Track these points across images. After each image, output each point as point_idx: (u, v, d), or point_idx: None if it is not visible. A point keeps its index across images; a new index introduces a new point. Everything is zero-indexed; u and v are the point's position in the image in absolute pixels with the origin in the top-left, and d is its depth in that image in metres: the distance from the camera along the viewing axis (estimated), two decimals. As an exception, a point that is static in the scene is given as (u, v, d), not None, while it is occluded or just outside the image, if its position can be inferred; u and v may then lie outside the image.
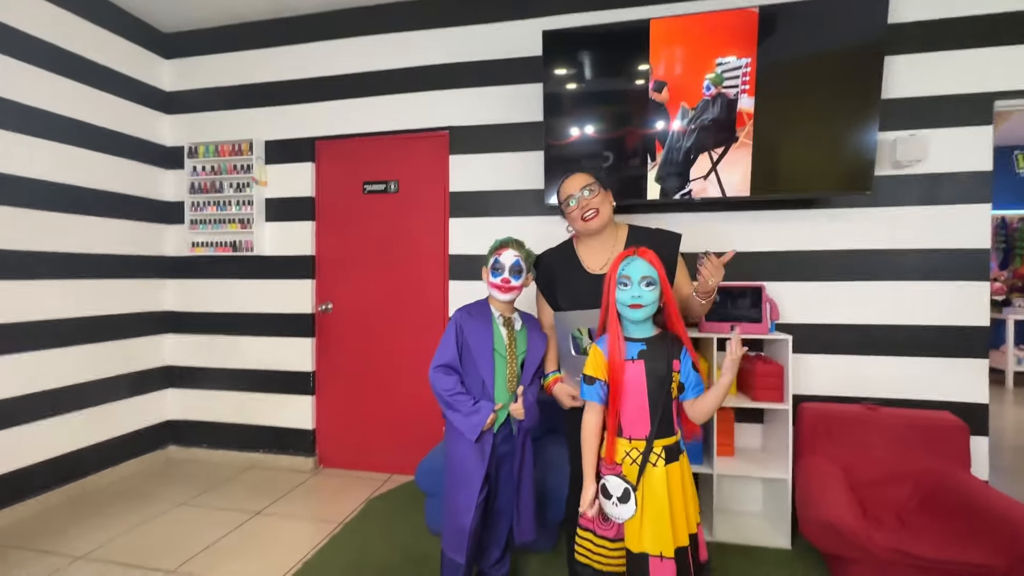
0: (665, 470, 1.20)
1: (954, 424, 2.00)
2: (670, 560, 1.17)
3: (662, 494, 1.19)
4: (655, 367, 1.21)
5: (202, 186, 2.89)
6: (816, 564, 1.87)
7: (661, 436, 1.22)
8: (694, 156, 2.15)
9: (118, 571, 1.87)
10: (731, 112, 2.09)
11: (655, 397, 1.21)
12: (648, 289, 1.20)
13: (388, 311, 2.78)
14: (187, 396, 3.01)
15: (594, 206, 1.50)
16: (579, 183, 1.53)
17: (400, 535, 2.10)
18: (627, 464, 1.23)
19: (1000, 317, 4.86)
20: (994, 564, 1.56)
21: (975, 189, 2.14)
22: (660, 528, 1.18)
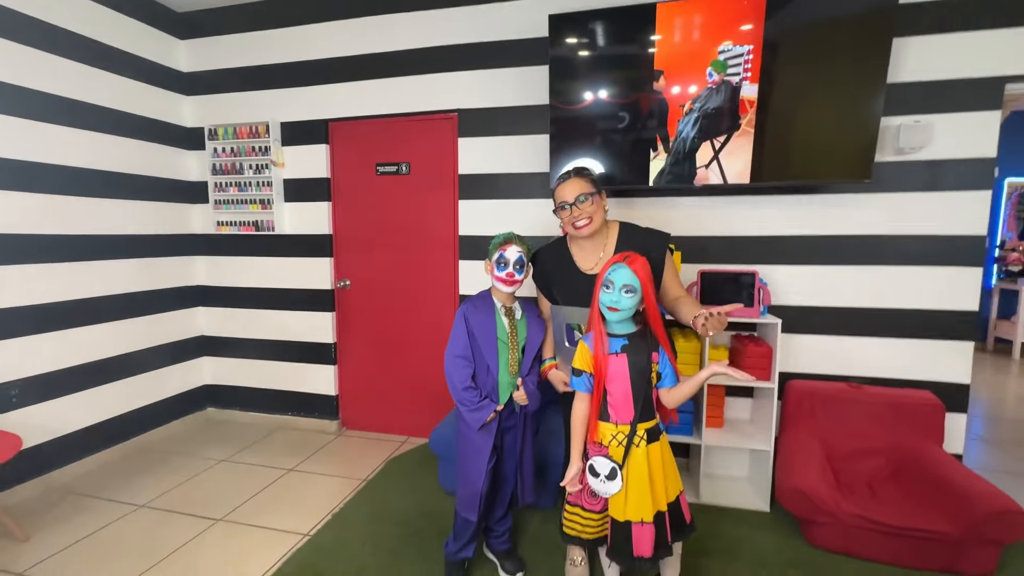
0: (647, 449, 1.37)
1: (931, 402, 2.12)
2: (649, 524, 1.36)
3: (644, 470, 1.37)
4: (637, 360, 1.36)
5: (223, 167, 3.03)
6: (789, 526, 2.06)
7: (643, 420, 1.38)
8: (697, 144, 2.19)
9: (176, 518, 2.18)
10: (734, 100, 2.12)
11: (637, 386, 1.36)
12: (627, 296, 1.32)
13: (403, 288, 2.95)
14: (221, 363, 3.28)
15: (587, 214, 1.56)
16: (574, 190, 1.57)
17: (417, 492, 2.36)
18: (613, 446, 1.39)
19: (1014, 288, 4.84)
20: (948, 531, 1.73)
21: (978, 175, 2.16)
22: (642, 499, 1.36)
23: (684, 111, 2.19)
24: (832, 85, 2.05)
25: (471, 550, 1.73)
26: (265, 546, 1.98)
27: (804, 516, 1.90)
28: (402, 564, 1.85)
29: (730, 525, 2.08)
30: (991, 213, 5.02)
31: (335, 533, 2.04)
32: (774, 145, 2.13)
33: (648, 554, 1.36)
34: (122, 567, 1.86)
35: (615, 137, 2.29)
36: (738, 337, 2.35)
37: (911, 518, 1.79)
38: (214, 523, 2.14)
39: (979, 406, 3.60)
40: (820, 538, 1.90)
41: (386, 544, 1.97)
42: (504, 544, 1.84)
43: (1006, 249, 5.07)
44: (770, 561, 1.86)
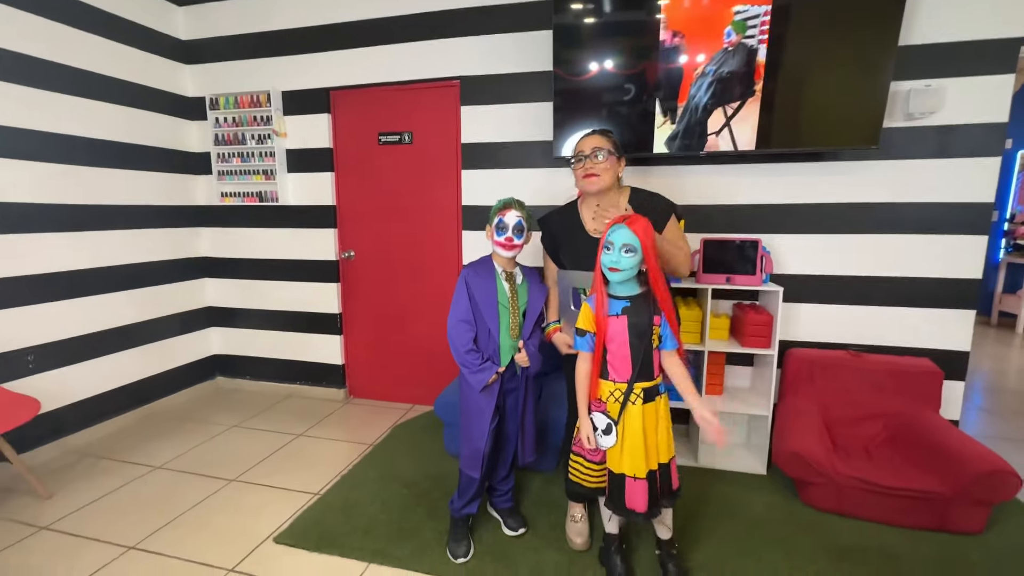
0: (642, 408, 1.41)
1: (929, 370, 2.15)
2: (642, 480, 1.41)
3: (638, 428, 1.41)
4: (637, 322, 1.38)
5: (225, 138, 3.02)
6: (785, 487, 2.12)
7: (641, 380, 1.41)
8: (710, 110, 2.16)
9: (191, 478, 2.26)
10: (750, 63, 2.07)
11: (636, 348, 1.39)
12: (627, 256, 1.34)
13: (407, 259, 2.97)
14: (229, 333, 3.34)
15: (598, 171, 1.58)
16: (592, 144, 1.60)
17: (422, 456, 2.43)
18: (611, 402, 1.44)
19: (1021, 261, 4.81)
20: (940, 491, 1.78)
21: (988, 142, 2.13)
22: (635, 455, 1.41)
23: (696, 75, 2.15)
24: (843, 47, 2.01)
25: (475, 507, 1.80)
26: (276, 504, 2.06)
27: (799, 477, 1.96)
28: (410, 520, 1.93)
29: (726, 486, 2.14)
30: (1002, 185, 4.96)
31: (344, 493, 2.12)
32: (782, 111, 2.10)
33: (641, 509, 1.41)
34: (141, 522, 1.94)
35: (621, 108, 2.27)
36: (739, 305, 2.37)
37: (904, 479, 1.84)
38: (227, 483, 2.22)
39: (980, 377, 3.63)
40: (814, 498, 1.96)
41: (394, 502, 2.04)
42: (507, 502, 1.90)
43: (1015, 223, 5.01)
44: (763, 519, 1.92)
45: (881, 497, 1.85)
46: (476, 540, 1.80)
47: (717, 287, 2.22)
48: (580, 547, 1.75)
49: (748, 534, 1.83)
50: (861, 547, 1.76)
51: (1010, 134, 4.85)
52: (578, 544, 1.75)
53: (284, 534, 1.85)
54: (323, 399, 3.18)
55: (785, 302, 2.35)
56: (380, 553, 1.74)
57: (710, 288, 2.21)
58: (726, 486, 2.14)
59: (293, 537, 1.83)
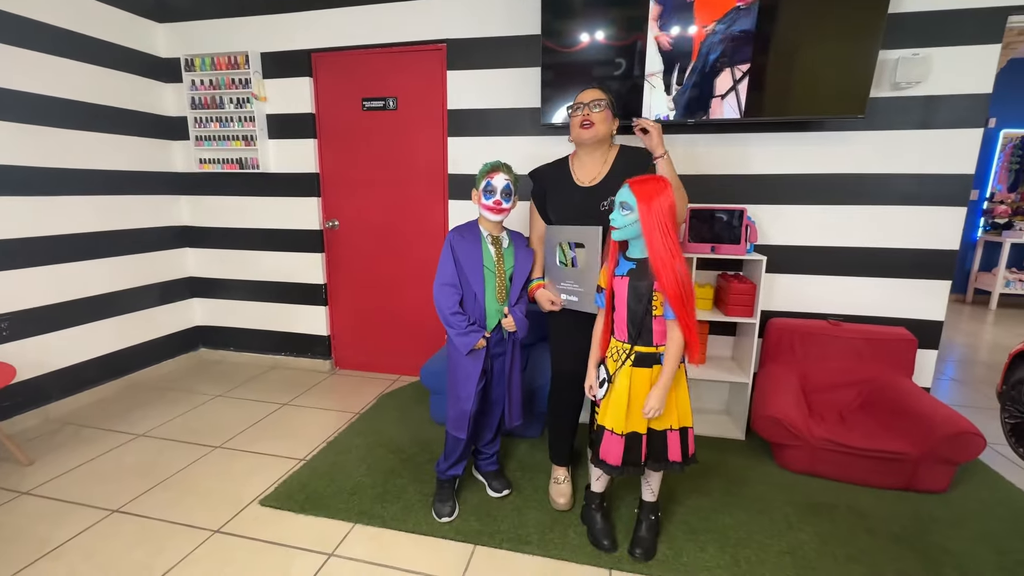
0: (631, 370, 1.44)
1: (904, 338, 2.21)
2: (619, 437, 1.45)
3: (624, 388, 1.44)
4: (636, 286, 1.40)
5: (202, 101, 2.92)
6: (762, 451, 2.19)
7: (640, 344, 1.44)
8: (719, 70, 2.12)
9: (174, 446, 2.26)
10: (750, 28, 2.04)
11: (633, 311, 1.42)
12: (624, 214, 1.36)
13: (392, 228, 2.93)
14: (212, 304, 3.30)
15: (593, 120, 1.61)
16: (591, 96, 1.64)
17: (409, 424, 2.45)
18: (610, 359, 1.49)
19: (998, 240, 4.92)
20: (909, 452, 1.85)
21: (971, 113, 2.15)
22: (616, 412, 1.45)
23: (707, 32, 2.11)
24: (833, 13, 1.99)
25: (460, 469, 1.83)
26: (262, 469, 2.07)
27: (776, 441, 2.02)
28: (395, 483, 1.95)
29: (706, 451, 2.20)
30: (984, 164, 5.03)
31: (330, 458, 2.13)
32: (770, 79, 2.09)
33: (612, 462, 1.47)
34: (125, 487, 1.95)
35: (612, 82, 2.24)
36: (724, 275, 2.40)
37: (875, 440, 1.91)
38: (212, 450, 2.22)
39: (954, 351, 3.75)
40: (789, 460, 2.03)
41: (380, 467, 2.07)
42: (492, 465, 1.94)
43: (995, 201, 5.11)
44: (739, 478, 1.99)
45: (852, 458, 1.93)
46: (461, 502, 1.84)
47: (702, 256, 2.23)
48: (563, 507, 1.80)
49: (724, 493, 1.90)
50: (831, 504, 1.83)
51: (994, 113, 4.90)
52: (561, 504, 1.80)
53: (270, 497, 1.87)
54: (308, 370, 3.17)
55: (768, 273, 2.38)
56: (365, 513, 1.77)
57: (695, 258, 2.23)
58: (707, 451, 2.20)
59: (279, 499, 1.85)
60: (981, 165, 5.00)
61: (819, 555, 1.59)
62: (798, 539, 1.66)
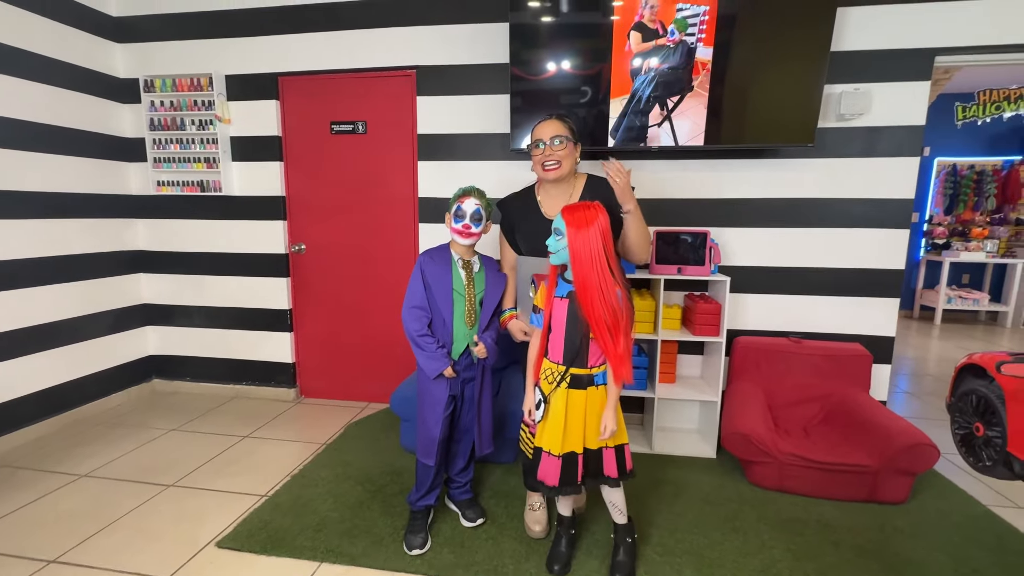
0: (567, 392, 1.46)
1: (860, 354, 2.32)
2: (556, 458, 1.47)
3: (560, 409, 1.46)
4: (575, 307, 1.41)
5: (162, 122, 2.85)
6: (733, 468, 2.23)
7: (575, 366, 1.45)
8: (652, 104, 2.25)
9: (121, 486, 2.10)
10: (689, 60, 2.18)
11: (570, 333, 1.43)
12: (556, 239, 1.39)
13: (361, 252, 2.90)
14: (168, 332, 3.15)
15: (557, 158, 1.61)
16: (552, 131, 1.61)
17: (378, 453, 2.37)
18: (543, 380, 1.49)
19: (938, 259, 5.28)
20: (869, 464, 1.93)
21: (908, 142, 2.32)
22: (552, 433, 1.47)
23: (642, 70, 2.24)
24: (782, 50, 2.15)
25: (433, 498, 1.78)
26: (220, 508, 1.95)
27: (745, 457, 2.06)
28: (364, 516, 1.88)
29: (677, 469, 2.22)
30: (921, 190, 5.43)
31: (294, 493, 2.04)
32: (727, 108, 2.22)
33: (550, 483, 1.48)
34: (64, 534, 1.79)
35: (579, 108, 2.32)
36: (690, 296, 2.47)
37: (837, 454, 1.97)
38: (164, 489, 2.08)
39: (905, 364, 3.95)
40: (759, 477, 2.07)
41: (348, 500, 1.98)
42: (465, 494, 1.89)
43: (933, 223, 5.50)
44: (712, 498, 2.01)
45: (818, 472, 1.98)
46: (434, 533, 1.78)
47: (669, 277, 2.30)
48: (538, 535, 1.77)
49: (698, 513, 1.91)
50: (800, 519, 1.87)
51: (928, 143, 5.33)
52: (536, 532, 1.77)
53: (228, 538, 1.76)
54: (272, 399, 3.05)
55: (732, 292, 2.47)
56: (332, 551, 1.69)
57: (663, 279, 2.29)
58: (678, 470, 2.22)
59: (238, 540, 1.74)
60: (920, 190, 5.40)
61: (792, 572, 1.61)
62: (772, 557, 1.68)
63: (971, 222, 5.35)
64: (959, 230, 5.36)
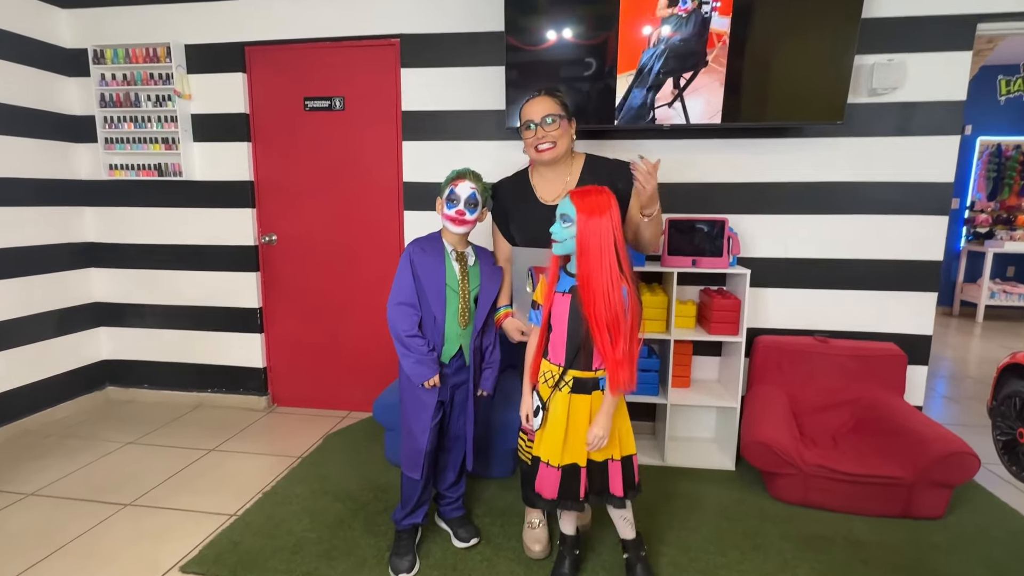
0: (569, 397, 1.46)
1: (894, 354, 2.35)
2: (555, 469, 1.48)
3: (560, 416, 1.47)
4: (578, 304, 1.40)
5: (114, 98, 2.83)
6: (753, 481, 2.25)
7: (576, 368, 1.46)
8: (662, 79, 2.26)
9: (73, 505, 2.11)
10: (703, 32, 2.18)
11: (573, 332, 1.43)
12: (564, 226, 1.38)
13: (339, 243, 2.90)
14: (123, 335, 3.14)
15: (552, 138, 1.60)
16: (542, 110, 1.61)
17: (360, 467, 2.38)
18: (541, 383, 1.51)
19: (980, 250, 5.32)
20: (902, 476, 1.95)
21: (947, 120, 2.34)
22: (552, 442, 1.48)
23: (650, 42, 2.24)
24: (807, 17, 2.15)
25: (420, 515, 1.79)
26: (184, 528, 1.96)
27: (767, 469, 2.08)
28: (345, 537, 1.89)
29: (692, 483, 2.25)
30: (963, 173, 5.47)
31: (267, 511, 2.05)
32: (747, 83, 2.23)
33: (547, 496, 1.50)
34: (9, 559, 1.79)
35: (581, 83, 2.32)
36: (706, 291, 2.49)
37: (868, 465, 2.00)
38: (122, 508, 2.09)
39: (943, 366, 4.00)
40: (782, 490, 2.09)
41: (326, 519, 2.00)
42: (457, 511, 1.91)
43: (975, 210, 5.54)
44: (730, 513, 2.03)
45: (846, 485, 2.01)
46: (423, 555, 1.80)
47: (683, 270, 2.31)
48: (539, 555, 1.78)
49: (714, 529, 1.93)
50: (827, 536, 1.90)
51: (969, 120, 5.36)
52: (536, 552, 1.78)
53: (193, 562, 1.77)
54: (240, 408, 3.06)
55: (752, 287, 2.49)
56: (310, 575, 1.70)
57: (675, 272, 2.30)
58: (692, 483, 2.25)
59: (204, 564, 1.75)
60: (960, 173, 5.44)
61: (817, 593, 1.64)
62: (795, 577, 1.70)
63: (1017, 208, 5.39)
64: (1004, 217, 5.40)
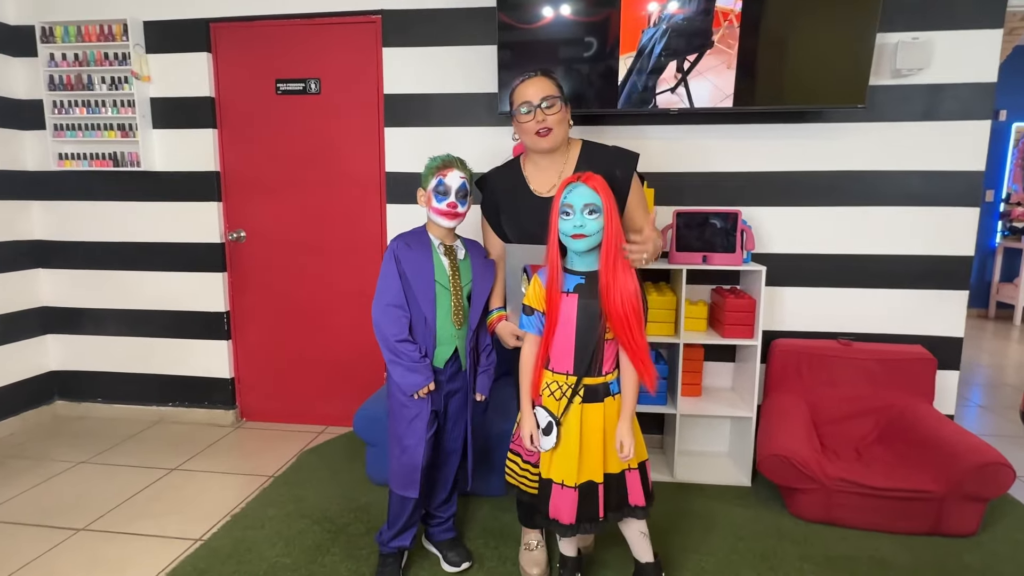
0: (581, 408, 1.48)
1: (922, 358, 2.39)
2: (571, 489, 1.48)
3: (574, 430, 1.48)
4: (588, 303, 1.43)
5: (64, 81, 2.85)
6: (771, 498, 2.28)
7: (588, 374, 1.47)
8: (664, 62, 2.30)
9: (21, 531, 2.11)
10: (708, 10, 2.22)
11: (582, 334, 1.45)
12: (591, 218, 1.38)
13: (315, 240, 2.92)
14: (73, 343, 3.15)
15: (550, 124, 1.61)
16: (538, 91, 1.61)
17: (339, 486, 2.40)
18: (546, 396, 1.51)
19: (1018, 246, 5.41)
20: (933, 490, 1.99)
21: (977, 103, 2.39)
22: (566, 461, 1.48)
23: (650, 21, 2.28)
24: (824, -8, 2.20)
25: (408, 538, 1.80)
26: (144, 555, 1.96)
27: (786, 484, 2.12)
28: (324, 562, 1.90)
29: (706, 500, 2.28)
30: (998, 163, 5.55)
31: (236, 535, 2.05)
32: (760, 63, 2.27)
33: (565, 520, 1.49)
34: (-51, 590, 1.80)
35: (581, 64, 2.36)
36: (718, 290, 2.52)
37: (895, 478, 2.03)
38: (74, 533, 2.09)
39: (978, 373, 4.06)
40: (803, 507, 2.13)
41: (303, 543, 2.01)
42: (448, 532, 1.93)
43: (1011, 203, 5.63)
44: (746, 532, 2.06)
45: (872, 500, 2.04)
46: (409, 581, 1.82)
47: (693, 267, 2.35)
48: (536, 580, 1.80)
49: (730, 550, 1.96)
50: (852, 556, 1.93)
51: (1004, 105, 5.46)
52: (534, 576, 1.80)
53: (155, 591, 1.78)
54: (205, 423, 3.07)
55: (768, 285, 2.52)
56: (286, 604, 1.72)
57: (684, 269, 2.33)
58: (705, 500, 2.28)
59: (168, 593, 1.76)
60: (994, 162, 5.52)
61: (840, 617, 1.67)
62: (816, 600, 1.74)
63: (1056, 201, 5.50)
64: (1042, 211, 5.49)
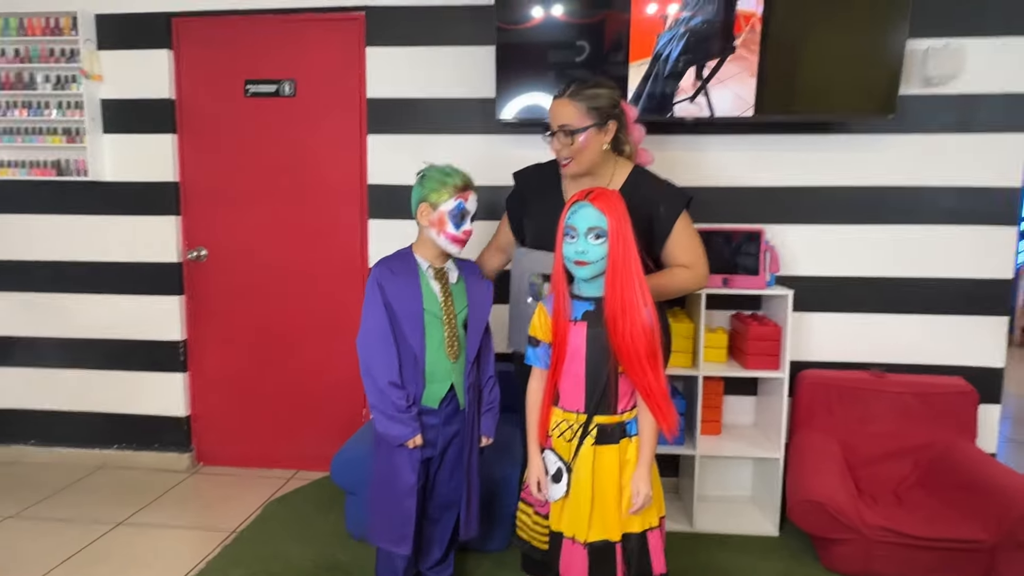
0: (594, 450, 1.44)
1: (963, 391, 2.42)
2: (581, 546, 1.44)
3: (586, 476, 1.44)
4: (598, 333, 1.40)
5: (3, 79, 2.84)
6: (802, 549, 2.27)
7: (601, 412, 1.44)
8: (682, 69, 2.33)
9: (-63, 600, 2.00)
10: (729, 12, 2.26)
11: (593, 367, 1.42)
12: (596, 243, 1.36)
13: (286, 260, 2.90)
14: (4, 376, 3.09)
15: (565, 155, 1.68)
16: (558, 117, 1.67)
17: (313, 542, 2.34)
18: (555, 438, 1.48)
19: (1050, 268, 5.54)
20: (982, 539, 1.99)
21: (1014, 114, 2.46)
22: (577, 511, 1.44)
23: (667, 24, 2.31)
24: (850, -5, 2.26)
25: (397, 602, 1.75)
26: (87, 627, 1.88)
27: (820, 534, 2.10)
28: (298, 634, 1.83)
29: (730, 554, 2.26)
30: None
31: (195, 602, 1.98)
32: (783, 72, 2.32)
33: None
34: None
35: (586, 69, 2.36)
36: (739, 316, 2.53)
37: (940, 527, 2.04)
38: (2, 602, 2.00)
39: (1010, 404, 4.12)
40: (838, 559, 2.11)
41: (273, 610, 1.94)
42: (442, 595, 1.87)
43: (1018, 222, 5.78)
44: (780, 591, 2.04)
45: (915, 552, 2.04)
46: (399, 653, 1.75)
47: (712, 291, 2.34)
48: (545, 649, 1.74)
49: (762, 612, 1.93)
50: (897, 616, 1.91)
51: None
52: (542, 645, 1.75)
53: (101, 671, 1.69)
54: (156, 469, 3.00)
55: (795, 311, 2.53)
56: None
57: (703, 294, 2.33)
58: (731, 554, 2.25)
59: (116, 674, 1.67)
60: None
61: None
62: (861, 668, 1.71)
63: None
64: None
